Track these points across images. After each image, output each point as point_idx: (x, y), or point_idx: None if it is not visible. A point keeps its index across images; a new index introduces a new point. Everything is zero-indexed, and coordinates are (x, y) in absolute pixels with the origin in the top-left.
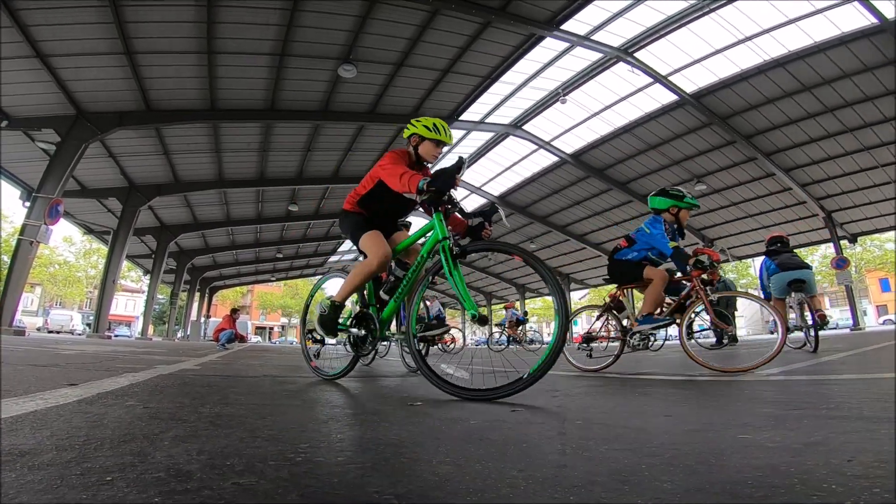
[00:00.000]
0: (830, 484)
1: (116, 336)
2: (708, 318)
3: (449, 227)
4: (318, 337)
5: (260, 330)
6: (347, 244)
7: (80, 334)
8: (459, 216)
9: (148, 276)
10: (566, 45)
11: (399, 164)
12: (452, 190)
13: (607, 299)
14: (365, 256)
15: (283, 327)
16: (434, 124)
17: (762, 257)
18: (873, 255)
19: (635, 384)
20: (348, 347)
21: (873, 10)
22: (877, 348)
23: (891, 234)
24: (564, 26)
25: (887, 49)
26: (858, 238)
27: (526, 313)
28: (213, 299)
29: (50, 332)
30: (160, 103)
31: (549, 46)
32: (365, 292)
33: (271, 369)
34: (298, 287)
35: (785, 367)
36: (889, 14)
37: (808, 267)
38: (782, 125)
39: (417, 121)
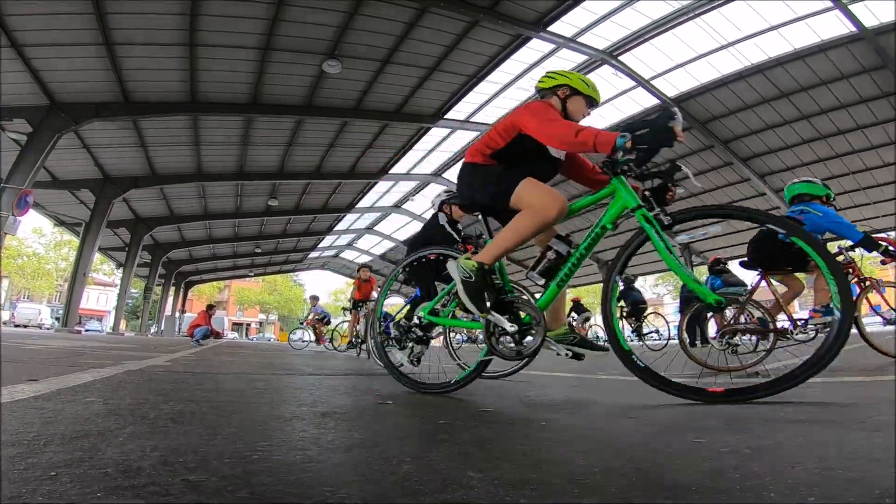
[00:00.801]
0: (770, 492)
1: (87, 331)
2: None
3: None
4: (420, 335)
5: (237, 326)
6: (329, 240)
7: (48, 329)
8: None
9: (121, 270)
10: (552, 46)
11: (557, 115)
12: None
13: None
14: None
15: (260, 324)
16: (588, 80)
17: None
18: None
19: (610, 385)
20: (488, 340)
21: (853, 19)
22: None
23: None
24: (551, 28)
25: (864, 58)
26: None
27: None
28: (189, 294)
29: (17, 326)
30: (139, 95)
31: (536, 47)
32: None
33: (244, 367)
34: (277, 283)
35: (753, 370)
36: (868, 23)
37: (744, 284)
38: (759, 131)
39: (564, 72)
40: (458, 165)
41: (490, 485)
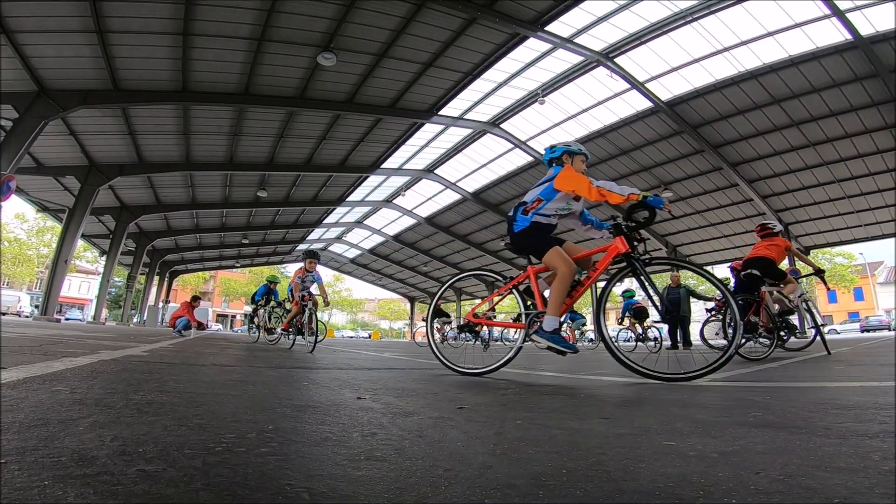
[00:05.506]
0: (732, 499)
1: (67, 319)
2: None
3: None
4: None
5: (222, 318)
6: (318, 232)
7: (27, 316)
8: None
9: (105, 258)
10: (549, 46)
11: None
12: None
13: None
14: None
15: (245, 315)
16: None
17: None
18: (823, 267)
19: (589, 386)
20: None
21: (849, 26)
22: (820, 357)
23: (841, 248)
24: (549, 27)
25: (856, 66)
26: (811, 251)
27: None
28: (174, 284)
29: None
30: (129, 83)
31: (532, 47)
32: None
33: (223, 358)
34: (264, 274)
35: (729, 373)
36: (864, 31)
37: None
38: (749, 137)
39: None
40: (447, 163)
41: (456, 484)
